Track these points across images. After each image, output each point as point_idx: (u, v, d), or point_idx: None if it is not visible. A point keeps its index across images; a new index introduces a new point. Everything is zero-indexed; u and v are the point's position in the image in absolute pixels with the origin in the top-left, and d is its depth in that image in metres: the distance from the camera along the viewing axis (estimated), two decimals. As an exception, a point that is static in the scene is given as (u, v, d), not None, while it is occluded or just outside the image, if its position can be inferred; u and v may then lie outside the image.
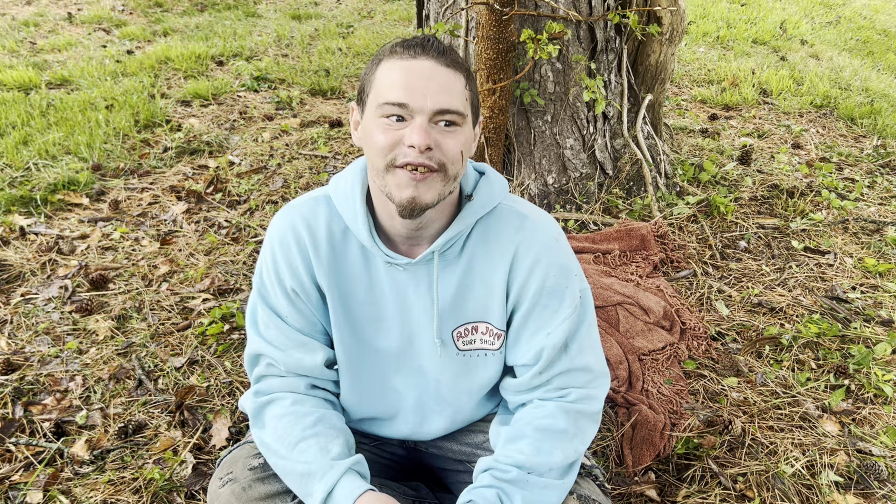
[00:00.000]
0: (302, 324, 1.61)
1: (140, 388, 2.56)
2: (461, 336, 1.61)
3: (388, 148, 1.37)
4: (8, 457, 2.25)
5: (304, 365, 1.60)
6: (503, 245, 1.55)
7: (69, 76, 5.64)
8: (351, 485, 1.44)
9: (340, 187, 1.58)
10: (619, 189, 3.62)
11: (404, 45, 1.40)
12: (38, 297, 3.05)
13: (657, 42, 3.65)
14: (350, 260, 1.58)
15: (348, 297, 1.59)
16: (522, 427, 1.56)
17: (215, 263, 3.28)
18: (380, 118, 1.38)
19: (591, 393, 1.59)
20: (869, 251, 3.42)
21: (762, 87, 5.85)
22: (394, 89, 1.36)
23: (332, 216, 1.58)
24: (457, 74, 1.40)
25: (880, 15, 8.74)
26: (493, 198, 1.56)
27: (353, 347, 1.62)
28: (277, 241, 1.59)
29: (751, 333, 2.82)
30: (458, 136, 1.40)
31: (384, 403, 1.69)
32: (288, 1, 8.48)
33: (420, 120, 1.35)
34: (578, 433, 1.55)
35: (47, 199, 3.80)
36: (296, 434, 1.52)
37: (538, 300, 1.56)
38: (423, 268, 1.55)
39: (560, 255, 1.58)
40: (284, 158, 4.35)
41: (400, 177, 1.38)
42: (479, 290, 1.57)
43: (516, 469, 1.48)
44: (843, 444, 2.30)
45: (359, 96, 1.49)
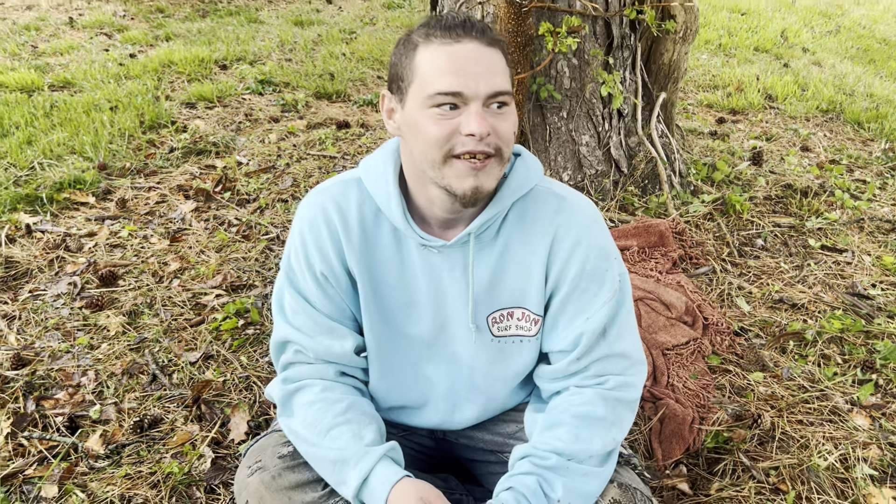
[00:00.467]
0: (331, 309, 1.57)
1: (154, 382, 2.50)
2: (496, 322, 1.56)
3: (445, 139, 1.33)
4: (21, 451, 2.19)
5: (333, 351, 1.56)
6: (542, 227, 1.51)
7: (72, 79, 5.60)
8: (387, 471, 1.41)
9: (371, 169, 1.55)
10: (635, 187, 3.59)
11: (443, 26, 1.34)
12: (46, 293, 2.99)
13: (671, 40, 3.63)
14: (381, 243, 1.53)
15: (379, 281, 1.55)
16: (560, 414, 1.51)
17: (226, 260, 3.23)
18: (430, 108, 1.33)
19: (630, 380, 1.55)
20: (886, 249, 3.40)
21: (767, 91, 5.86)
22: (444, 77, 1.31)
23: (363, 198, 1.54)
24: (498, 52, 1.37)
25: (879, 25, 8.79)
26: (530, 179, 1.52)
27: (383, 334, 1.58)
28: (307, 223, 1.55)
29: (774, 329, 2.79)
30: (510, 116, 1.37)
31: (414, 391, 1.65)
32: (290, 7, 8.47)
33: (475, 107, 1.31)
34: (617, 421, 1.51)
35: (53, 198, 3.75)
36: (327, 421, 1.48)
37: (578, 283, 1.51)
38: (458, 251, 1.51)
39: (600, 238, 1.53)
40: (293, 158, 4.31)
41: (459, 167, 1.34)
42: (516, 273, 1.53)
43: (556, 456, 1.43)
44: (876, 437, 2.26)
45: (393, 84, 1.43)
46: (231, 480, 2.09)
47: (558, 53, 3.17)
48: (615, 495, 1.50)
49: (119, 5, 7.97)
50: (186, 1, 8.28)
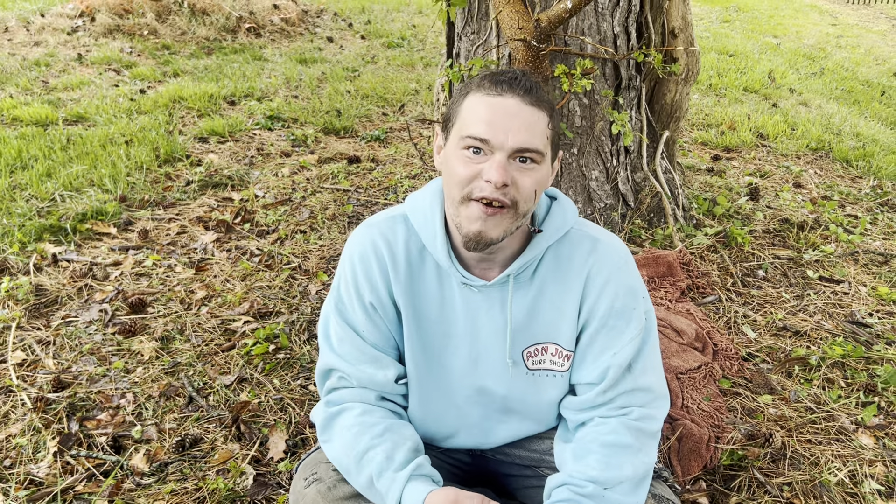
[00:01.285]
0: (377, 338, 1.65)
1: (191, 404, 2.60)
2: (531, 356, 1.65)
3: (467, 180, 1.43)
4: (69, 468, 2.28)
5: (376, 380, 1.64)
6: (576, 269, 1.61)
7: (84, 113, 5.73)
8: (414, 492, 1.48)
9: (419, 207, 1.64)
10: (641, 220, 3.76)
11: (493, 80, 1.46)
12: (78, 319, 3.09)
13: (673, 82, 3.83)
14: (426, 278, 1.63)
15: (421, 314, 1.64)
16: (588, 444, 1.59)
17: (252, 288, 3.35)
18: (461, 150, 1.45)
19: (652, 413, 1.63)
20: (881, 280, 3.57)
21: (759, 130, 6.08)
22: (478, 124, 1.42)
23: (409, 235, 1.64)
24: (540, 113, 1.45)
25: (861, 67, 9.11)
26: (566, 223, 1.62)
27: (422, 363, 1.66)
28: (358, 256, 1.64)
29: (779, 354, 2.93)
30: (535, 174, 1.45)
31: (448, 418, 1.73)
32: (293, 46, 8.67)
33: (500, 157, 1.41)
34: (643, 448, 1.58)
35: (76, 228, 3.86)
36: (363, 444, 1.55)
37: (606, 321, 1.60)
38: (496, 290, 1.60)
39: (629, 277, 1.63)
40: (307, 191, 4.45)
41: (472, 210, 1.44)
42: (550, 312, 1.62)
43: (592, 484, 1.50)
44: (881, 455, 2.40)
45: (444, 123, 1.55)
46: (273, 496, 2.19)
47: (571, 94, 3.35)
48: None
49: (125, 42, 8.14)
50: (192, 38, 8.47)
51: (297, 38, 9.05)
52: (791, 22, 11.88)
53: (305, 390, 2.68)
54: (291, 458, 2.35)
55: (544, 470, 1.81)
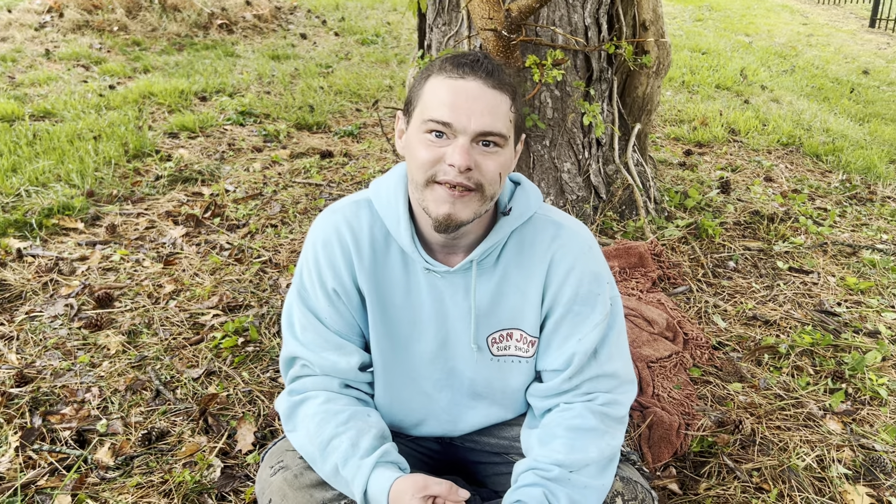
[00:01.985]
0: (340, 325, 1.63)
1: (158, 398, 2.56)
2: (496, 342, 1.64)
3: (430, 164, 1.41)
4: (32, 463, 2.23)
5: (339, 368, 1.62)
6: (539, 254, 1.60)
7: (52, 109, 5.64)
8: (380, 479, 1.46)
9: (382, 193, 1.62)
10: (613, 212, 3.77)
11: (454, 62, 1.44)
12: (42, 314, 3.03)
13: (644, 74, 3.84)
14: (391, 264, 1.61)
15: (386, 300, 1.62)
16: (553, 429, 1.58)
17: (221, 282, 3.31)
18: (423, 133, 1.43)
19: (618, 398, 1.63)
20: (849, 271, 3.61)
21: (730, 126, 6.13)
22: (440, 107, 1.40)
23: (374, 220, 1.62)
24: (503, 96, 1.43)
25: (831, 65, 9.22)
26: (529, 208, 1.61)
27: (388, 349, 1.65)
28: (321, 242, 1.62)
29: (749, 343, 2.95)
30: (498, 157, 1.44)
31: (416, 404, 1.72)
32: (265, 42, 8.61)
33: (462, 140, 1.39)
34: (608, 430, 1.58)
35: (42, 224, 3.79)
36: (328, 432, 1.53)
37: (571, 307, 1.59)
38: (460, 276, 1.59)
39: (593, 263, 1.62)
40: (279, 186, 4.42)
41: (438, 193, 1.42)
42: (514, 297, 1.61)
43: (557, 468, 1.50)
44: (848, 440, 2.42)
45: (406, 106, 1.53)
46: (241, 488, 2.15)
47: (542, 85, 3.35)
48: (618, 487, 1.60)
49: (95, 38, 8.02)
50: (163, 34, 8.37)
51: (269, 34, 8.99)
52: (763, 21, 12.01)
53: (275, 383, 2.65)
54: (260, 450, 2.31)
55: (513, 456, 1.80)
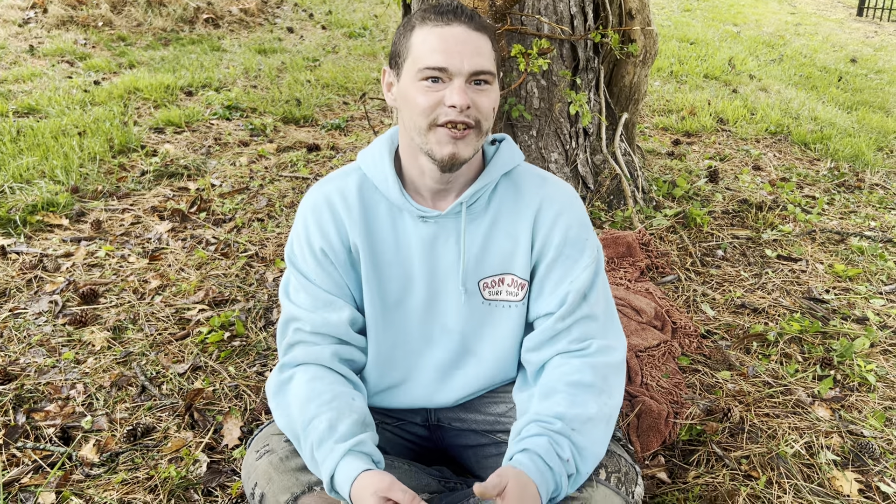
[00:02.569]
0: (329, 284, 1.67)
1: (144, 394, 2.54)
2: (487, 287, 1.69)
3: (430, 108, 1.50)
4: (15, 461, 2.21)
5: (330, 322, 1.64)
6: (527, 198, 1.68)
7: (36, 105, 5.59)
8: (348, 467, 1.44)
9: (368, 156, 1.71)
10: (601, 202, 3.76)
11: (437, 11, 1.52)
12: (27, 311, 3.00)
13: (631, 63, 3.83)
14: (379, 220, 1.67)
15: (378, 256, 1.67)
16: (554, 383, 1.60)
17: (207, 277, 3.28)
18: (419, 81, 1.51)
19: (611, 343, 1.66)
20: (837, 258, 3.61)
21: (719, 115, 6.13)
22: (433, 54, 1.48)
23: (362, 182, 1.70)
24: (486, 37, 1.54)
25: (819, 54, 9.23)
26: (514, 158, 1.70)
27: (380, 306, 1.69)
28: (310, 209, 1.70)
29: (738, 331, 2.94)
30: (491, 93, 1.54)
31: (406, 362, 1.74)
32: (252, 36, 8.55)
33: (458, 82, 1.48)
34: (606, 388, 1.60)
35: (26, 220, 3.75)
36: (311, 411, 1.53)
37: (562, 250, 1.66)
38: (450, 221, 1.65)
39: (579, 211, 1.71)
40: (265, 180, 4.39)
41: (441, 135, 1.51)
42: (505, 242, 1.67)
43: (560, 421, 1.51)
44: (836, 427, 2.41)
45: (392, 60, 1.61)
46: (227, 483, 2.14)
47: (528, 75, 3.33)
48: (602, 459, 1.60)
49: (79, 34, 7.95)
50: (148, 29, 8.31)
51: (256, 28, 8.93)
52: (751, 10, 12.01)
53: (261, 377, 2.63)
54: (246, 444, 2.29)
55: (500, 435, 1.82)
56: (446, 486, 1.83)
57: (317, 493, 1.53)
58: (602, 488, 1.54)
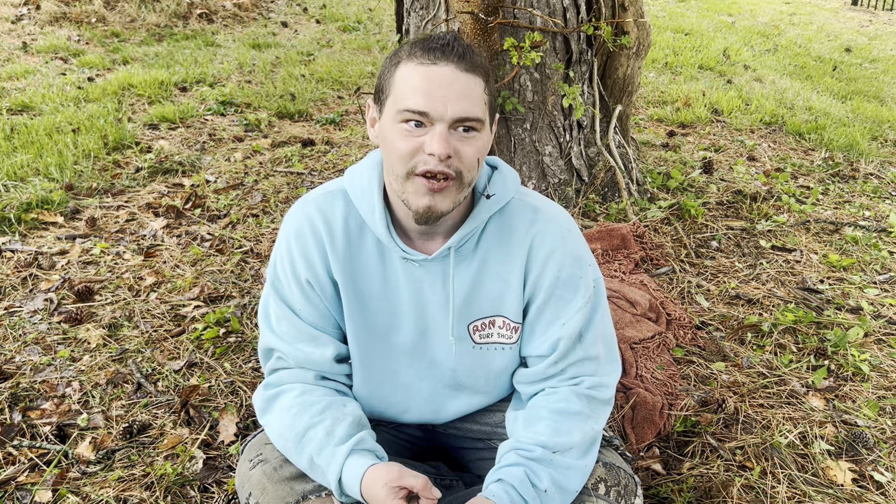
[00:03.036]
0: (315, 317, 1.61)
1: (139, 391, 2.54)
2: (478, 330, 1.63)
3: (409, 155, 1.39)
4: (11, 459, 2.21)
5: (313, 359, 1.60)
6: (518, 239, 1.57)
7: (30, 102, 5.57)
8: (354, 466, 1.44)
9: (356, 182, 1.59)
10: (595, 195, 3.76)
11: (424, 47, 1.40)
12: (22, 309, 3.00)
13: (624, 55, 3.83)
14: (366, 254, 1.58)
15: (363, 291, 1.59)
16: (538, 410, 1.58)
17: (202, 273, 3.28)
18: (399, 123, 1.39)
19: (604, 381, 1.62)
20: (831, 248, 3.62)
21: (713, 106, 6.13)
22: (414, 96, 1.37)
23: (348, 210, 1.59)
24: (476, 79, 1.41)
25: (813, 44, 9.23)
26: (507, 193, 1.58)
27: (366, 341, 1.62)
28: (294, 233, 1.60)
29: (732, 322, 2.95)
30: (476, 142, 1.41)
31: (396, 397, 1.70)
32: (246, 31, 8.53)
33: (440, 128, 1.36)
34: (592, 415, 1.58)
35: (21, 218, 3.75)
36: (303, 423, 1.52)
37: (553, 291, 1.58)
38: (438, 264, 1.57)
39: (574, 246, 1.60)
40: (260, 175, 4.38)
41: (418, 185, 1.40)
42: (495, 284, 1.59)
43: (540, 448, 1.50)
44: (830, 417, 2.43)
45: (376, 95, 1.49)
46: (224, 479, 2.14)
47: (521, 68, 3.33)
48: (601, 473, 1.60)
49: (73, 30, 7.93)
50: (142, 25, 8.28)
51: (250, 23, 8.90)
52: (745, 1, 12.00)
53: (257, 373, 2.63)
54: (242, 440, 2.30)
55: (495, 442, 1.79)
56: (442, 482, 1.83)
57: (311, 502, 1.52)
58: (602, 503, 1.54)
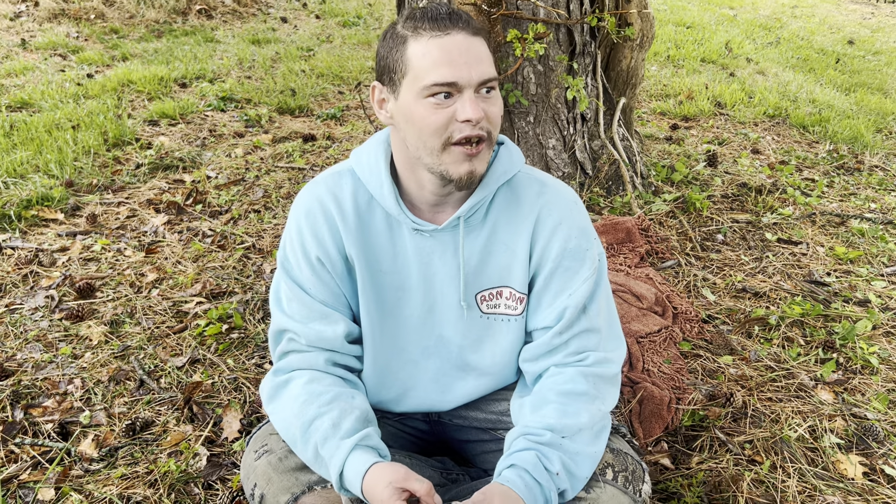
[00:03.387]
0: (325, 294, 1.61)
1: (142, 387, 2.52)
2: (485, 300, 1.63)
3: (443, 127, 1.40)
4: (13, 457, 2.19)
5: (325, 337, 1.60)
6: (526, 209, 1.58)
7: (29, 99, 5.54)
8: (357, 461, 1.43)
9: (363, 160, 1.61)
10: (600, 188, 3.73)
11: (430, 18, 1.40)
12: (23, 307, 2.98)
13: (628, 48, 3.79)
14: (375, 229, 1.60)
15: (374, 265, 1.61)
16: (545, 393, 1.57)
17: (204, 269, 3.26)
18: (426, 98, 1.40)
19: (609, 356, 1.62)
20: (837, 240, 3.59)
21: (717, 99, 6.09)
22: (439, 68, 1.37)
23: (356, 187, 1.60)
24: (482, 41, 1.44)
25: (816, 36, 9.19)
26: (514, 165, 1.60)
27: (376, 316, 1.63)
28: (304, 213, 1.61)
29: (739, 316, 2.93)
30: (497, 100, 1.46)
31: (403, 374, 1.70)
32: (246, 27, 8.49)
33: (469, 94, 1.39)
34: (599, 395, 1.58)
35: (21, 215, 3.72)
36: (310, 413, 1.51)
37: (560, 262, 1.58)
38: (448, 234, 1.58)
39: (580, 218, 1.61)
40: (261, 171, 4.36)
41: (456, 154, 1.42)
42: (503, 254, 1.60)
43: (549, 432, 1.49)
44: (840, 410, 2.40)
45: (385, 76, 1.48)
46: (228, 476, 2.12)
47: (525, 60, 3.30)
48: (608, 459, 1.58)
49: (72, 27, 7.90)
50: (141, 21, 8.25)
51: (249, 18, 8.87)
52: (747, -7, 11.94)
53: (260, 369, 2.61)
54: (246, 437, 2.27)
55: (501, 432, 1.79)
56: (448, 477, 1.82)
57: (317, 493, 1.51)
58: (610, 488, 1.52)
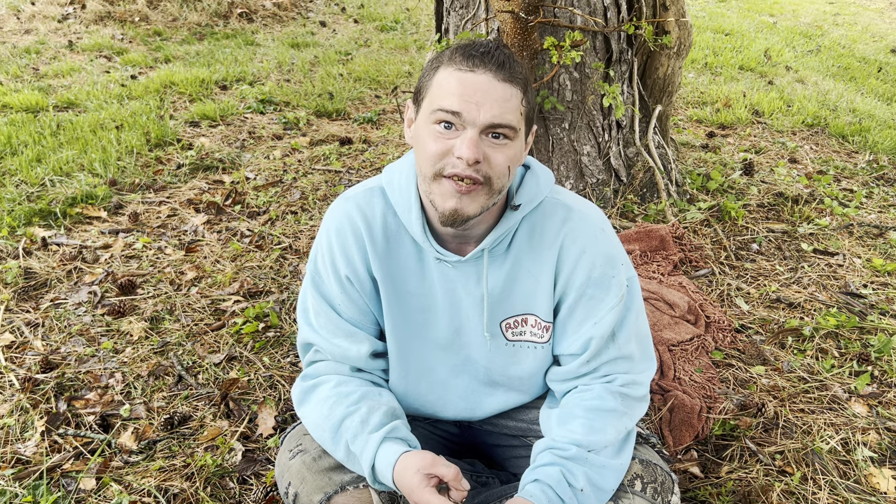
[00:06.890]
0: (353, 312, 1.64)
1: (180, 383, 2.59)
2: (510, 327, 1.64)
3: (438, 156, 1.39)
4: (57, 447, 2.27)
5: (349, 355, 1.63)
6: (550, 239, 1.57)
7: (75, 99, 5.69)
8: (387, 453, 1.46)
9: (395, 181, 1.61)
10: (634, 195, 3.73)
11: (465, 53, 1.40)
12: (67, 302, 3.07)
13: (665, 55, 3.79)
14: (403, 252, 1.61)
15: (400, 287, 1.62)
16: (572, 409, 1.58)
17: (242, 268, 3.32)
18: (432, 124, 1.40)
19: (637, 378, 1.62)
20: (875, 252, 3.55)
21: (754, 107, 6.04)
22: (449, 97, 1.37)
23: (386, 208, 1.61)
24: (514, 89, 1.39)
25: (858, 44, 9.05)
26: (540, 193, 1.58)
27: (403, 336, 1.65)
28: (334, 230, 1.62)
29: (772, 326, 2.91)
30: (508, 150, 1.40)
31: (433, 394, 1.72)
32: (285, 30, 8.61)
33: (471, 132, 1.36)
34: (627, 412, 1.58)
35: (66, 212, 3.83)
36: (339, 413, 1.55)
37: (584, 291, 1.58)
38: (471, 265, 1.58)
39: (606, 245, 1.59)
40: (299, 173, 4.43)
41: (445, 187, 1.40)
42: (527, 283, 1.60)
43: (575, 447, 1.50)
44: (874, 423, 2.38)
45: (415, 96, 1.51)
46: (262, 472, 2.17)
47: (561, 67, 3.31)
48: (637, 470, 1.60)
49: (117, 29, 8.08)
50: (183, 24, 8.41)
51: (289, 22, 8.99)
52: (788, 0, 11.80)
53: (295, 367, 2.66)
54: (280, 434, 2.33)
55: (531, 439, 1.81)
56: (478, 480, 1.84)
57: (349, 493, 1.55)
58: (638, 499, 1.53)
